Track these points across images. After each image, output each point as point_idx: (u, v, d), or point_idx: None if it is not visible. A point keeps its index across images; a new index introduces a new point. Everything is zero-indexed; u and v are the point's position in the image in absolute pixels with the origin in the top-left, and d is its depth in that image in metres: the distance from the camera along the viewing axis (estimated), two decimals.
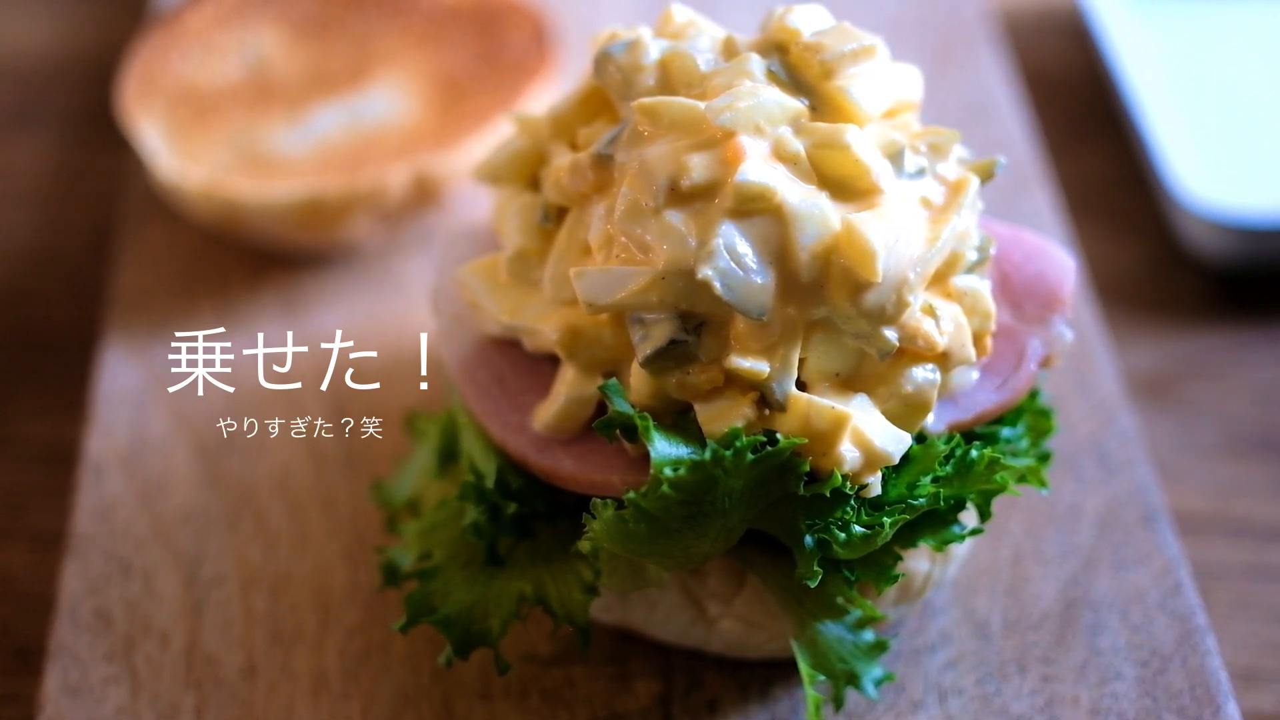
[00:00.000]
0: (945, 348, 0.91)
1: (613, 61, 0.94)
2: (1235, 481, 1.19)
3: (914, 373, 0.91)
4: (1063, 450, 1.12)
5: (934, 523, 0.92)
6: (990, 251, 0.95)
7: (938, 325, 0.91)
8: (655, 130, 0.90)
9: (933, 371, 0.91)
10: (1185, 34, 1.49)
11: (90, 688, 1.00)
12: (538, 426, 0.94)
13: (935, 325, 0.91)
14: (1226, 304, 1.32)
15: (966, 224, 0.93)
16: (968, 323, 0.93)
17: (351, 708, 1.00)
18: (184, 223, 1.30)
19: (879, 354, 0.89)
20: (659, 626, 0.99)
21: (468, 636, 0.92)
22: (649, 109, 0.90)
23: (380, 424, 1.14)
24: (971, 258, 0.94)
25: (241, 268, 1.27)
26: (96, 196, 1.42)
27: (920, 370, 0.91)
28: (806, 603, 0.91)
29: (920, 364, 0.91)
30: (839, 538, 0.88)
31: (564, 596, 0.92)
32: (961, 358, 0.92)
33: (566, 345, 0.92)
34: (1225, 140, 1.39)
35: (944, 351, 0.91)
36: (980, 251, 0.94)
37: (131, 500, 1.11)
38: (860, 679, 0.92)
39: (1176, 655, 1.01)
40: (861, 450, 0.88)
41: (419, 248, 1.29)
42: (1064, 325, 0.99)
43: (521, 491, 0.94)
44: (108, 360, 1.20)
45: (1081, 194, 1.41)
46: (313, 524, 1.10)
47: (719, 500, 0.86)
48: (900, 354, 0.90)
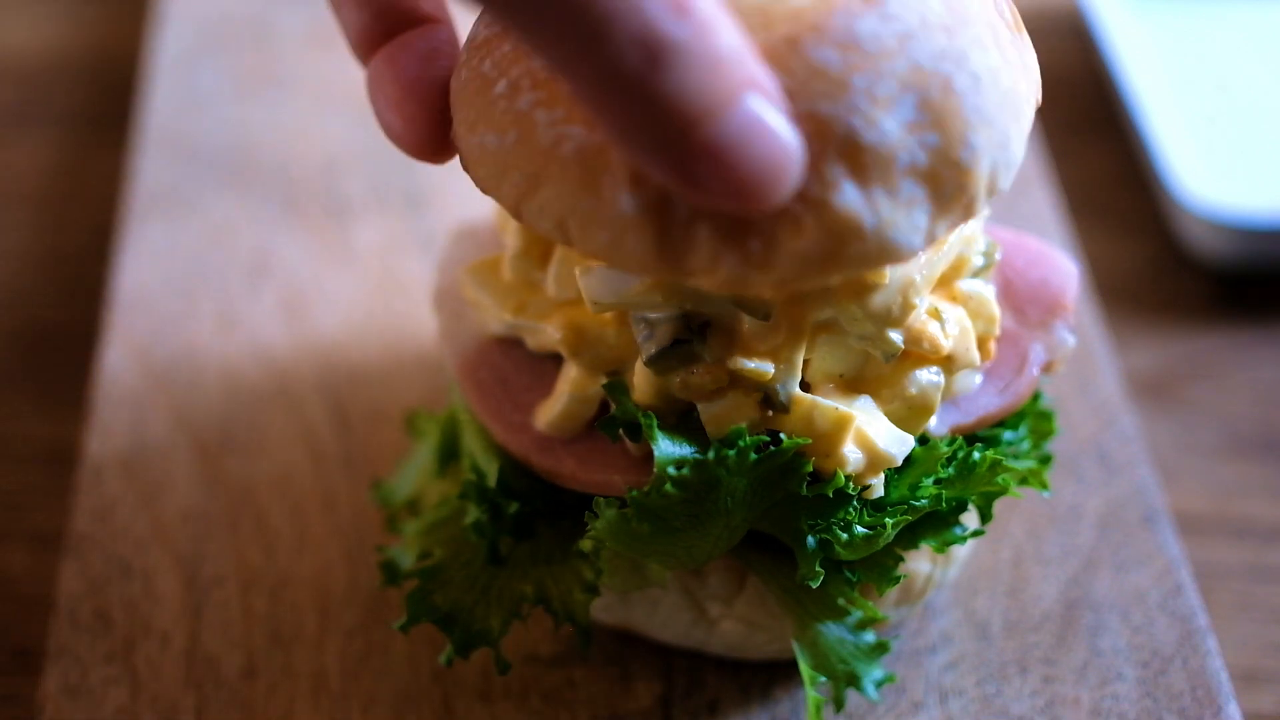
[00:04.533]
0: (950, 351, 0.91)
1: None
2: (1236, 482, 1.19)
3: (918, 375, 0.91)
4: (1063, 451, 1.12)
5: (935, 524, 0.92)
6: (995, 257, 0.95)
7: (943, 328, 0.91)
8: None
9: (937, 374, 0.91)
10: (1185, 34, 1.49)
11: (90, 688, 1.00)
12: (540, 426, 0.94)
13: (940, 328, 0.91)
14: (1226, 304, 1.32)
15: (972, 228, 0.93)
16: (972, 326, 0.93)
17: (351, 708, 1.00)
18: (184, 222, 1.30)
19: (884, 356, 0.89)
20: (660, 627, 0.98)
21: (468, 636, 0.92)
22: None
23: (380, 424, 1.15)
24: (977, 263, 0.94)
25: (242, 267, 1.27)
26: (96, 196, 1.42)
27: (924, 373, 0.91)
28: (808, 604, 0.91)
29: (925, 367, 0.91)
30: (841, 538, 0.88)
31: (565, 596, 0.92)
32: (966, 361, 0.92)
33: (570, 344, 0.92)
34: (1225, 140, 1.38)
35: (948, 355, 0.91)
36: (985, 257, 0.95)
37: (131, 501, 1.11)
38: (861, 680, 0.92)
39: (1177, 656, 1.01)
40: (864, 451, 0.88)
41: (419, 248, 1.29)
42: (1066, 331, 0.99)
43: (523, 491, 0.94)
44: (108, 360, 1.20)
45: (1081, 194, 1.41)
46: (313, 524, 1.10)
47: (722, 499, 0.86)
48: (905, 356, 0.90)
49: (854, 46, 0.77)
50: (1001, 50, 0.83)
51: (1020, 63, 0.85)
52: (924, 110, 0.78)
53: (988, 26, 0.82)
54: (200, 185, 1.35)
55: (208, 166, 1.37)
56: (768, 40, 0.78)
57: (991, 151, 0.80)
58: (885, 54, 0.78)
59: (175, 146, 1.38)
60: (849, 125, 0.77)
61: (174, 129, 1.39)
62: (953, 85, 0.79)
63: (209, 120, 1.40)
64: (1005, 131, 0.81)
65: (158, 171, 1.36)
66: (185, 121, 1.40)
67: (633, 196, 0.78)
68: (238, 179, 1.36)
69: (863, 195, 0.78)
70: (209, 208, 1.33)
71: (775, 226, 0.77)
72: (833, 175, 0.77)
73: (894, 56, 0.78)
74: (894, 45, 0.78)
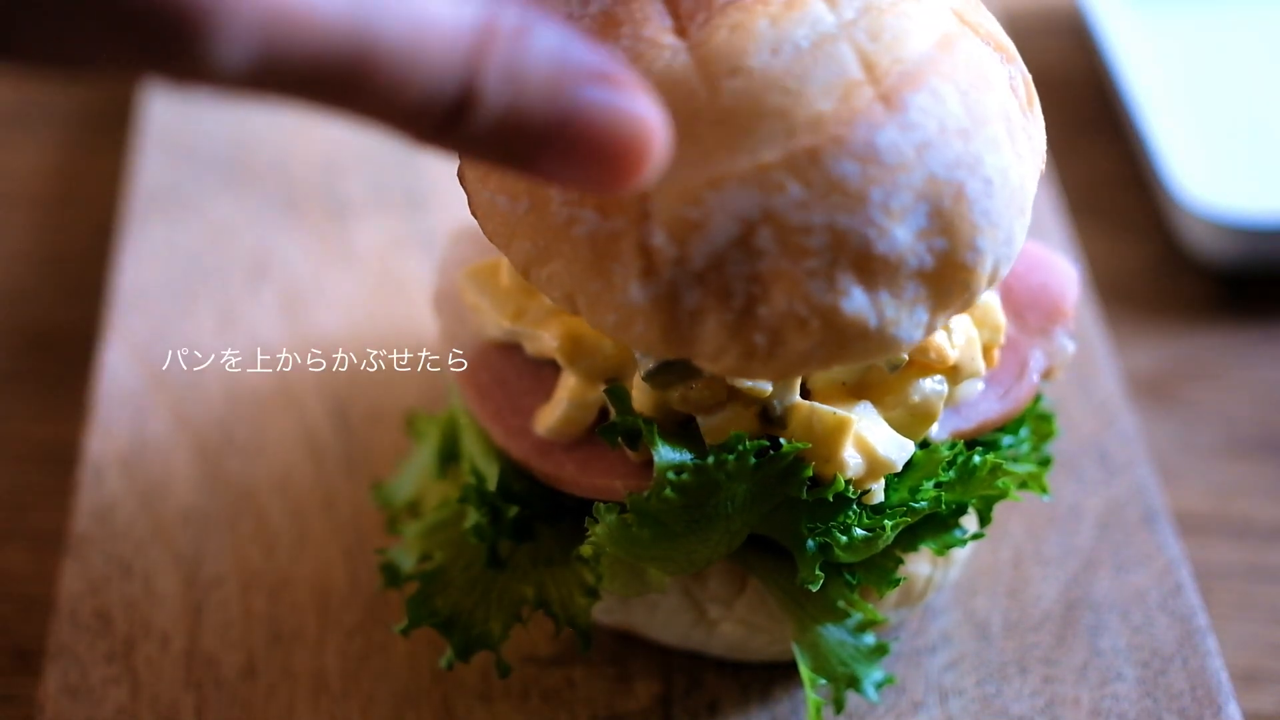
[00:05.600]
0: (956, 361, 0.91)
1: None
2: (1236, 482, 1.19)
3: (922, 384, 0.91)
4: (1063, 451, 1.12)
5: (935, 527, 0.92)
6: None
7: (949, 339, 0.91)
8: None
9: (941, 383, 0.91)
10: (1185, 34, 1.49)
11: (90, 688, 1.00)
12: (540, 430, 0.94)
13: (948, 338, 0.91)
14: (1226, 304, 1.32)
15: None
16: (978, 335, 0.93)
17: (351, 708, 1.00)
18: (184, 223, 1.30)
19: (888, 366, 0.89)
20: (660, 629, 0.98)
21: (469, 639, 0.92)
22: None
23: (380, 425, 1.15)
24: None
25: (242, 267, 1.27)
26: (96, 196, 1.42)
27: (929, 382, 0.91)
28: (808, 606, 0.91)
29: (929, 376, 0.91)
30: (840, 541, 0.88)
31: (566, 600, 0.92)
32: (971, 371, 0.92)
33: (567, 353, 0.92)
34: (1225, 140, 1.38)
35: (954, 365, 0.91)
36: None
37: (131, 501, 1.11)
38: (861, 682, 0.92)
39: (1177, 656, 1.01)
40: (865, 456, 0.88)
41: (419, 248, 1.29)
42: (1066, 337, 0.99)
43: (523, 494, 0.94)
44: (108, 360, 1.20)
45: (1081, 194, 1.41)
46: (313, 525, 1.10)
47: (722, 504, 0.86)
48: (910, 365, 0.90)
49: (873, 160, 0.78)
50: (1014, 143, 0.84)
51: (1029, 149, 0.86)
52: (935, 218, 0.79)
53: (1003, 120, 0.83)
54: (200, 185, 1.35)
55: (208, 166, 1.37)
56: (789, 150, 0.78)
57: (995, 250, 0.82)
58: (903, 166, 0.79)
59: (175, 146, 1.38)
60: (864, 236, 0.78)
61: (174, 129, 1.39)
62: (965, 192, 0.80)
63: (209, 120, 1.40)
64: (1010, 229, 0.83)
65: (158, 171, 1.36)
66: (185, 121, 1.40)
67: (643, 287, 0.79)
68: (238, 179, 1.36)
69: (869, 298, 0.79)
70: (209, 208, 1.33)
71: (781, 325, 0.79)
72: (843, 284, 0.78)
73: (911, 169, 0.79)
74: (912, 157, 0.79)
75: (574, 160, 0.66)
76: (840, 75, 0.79)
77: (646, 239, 0.79)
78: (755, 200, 0.78)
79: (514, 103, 0.64)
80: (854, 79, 0.79)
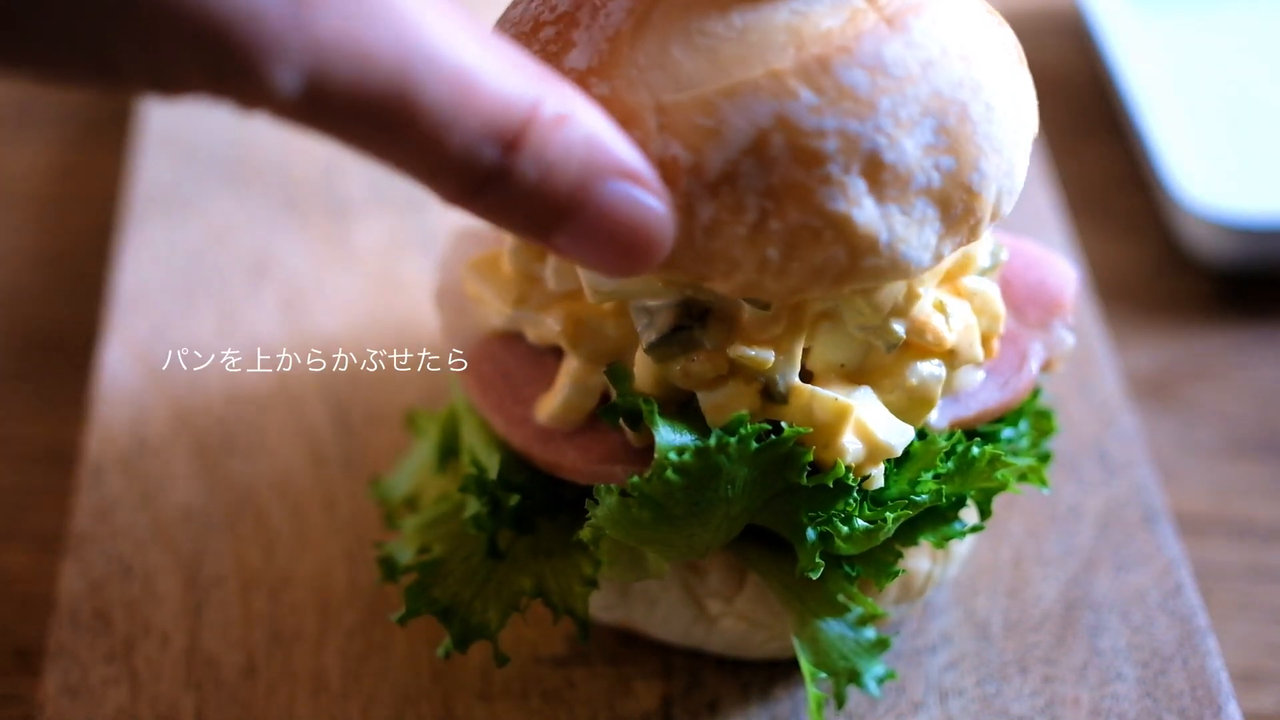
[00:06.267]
0: (953, 345, 0.92)
1: None
2: (1235, 482, 1.19)
3: (920, 367, 0.91)
4: (1063, 451, 1.12)
5: (935, 519, 0.93)
6: (1002, 257, 0.97)
7: (947, 321, 0.91)
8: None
9: (939, 367, 0.92)
10: (1185, 34, 1.49)
11: (90, 688, 1.00)
12: (541, 418, 0.94)
13: (945, 321, 0.91)
14: (1226, 304, 1.32)
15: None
16: (977, 323, 0.93)
17: (351, 708, 1.00)
18: (184, 223, 1.30)
19: (886, 346, 0.90)
20: (659, 626, 0.98)
21: (467, 629, 0.92)
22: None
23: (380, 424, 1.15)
24: (984, 263, 0.95)
25: (242, 267, 1.27)
26: (96, 196, 1.42)
27: (926, 365, 0.92)
28: (808, 600, 0.91)
29: (927, 359, 0.91)
30: (841, 531, 0.88)
31: (564, 590, 0.92)
32: (968, 356, 0.93)
33: (570, 335, 0.92)
34: (1225, 140, 1.39)
35: (951, 348, 0.92)
36: (993, 258, 0.96)
37: (131, 501, 1.11)
38: (862, 676, 0.92)
39: (1177, 656, 1.01)
40: (864, 442, 0.89)
41: (419, 247, 1.29)
42: (1065, 329, 0.99)
43: (523, 485, 0.94)
44: (108, 360, 1.20)
45: (1081, 194, 1.41)
46: (313, 524, 1.10)
47: (722, 487, 0.86)
48: (907, 348, 0.91)
49: (881, 70, 0.81)
50: (1012, 82, 0.86)
51: (1025, 95, 0.88)
52: (941, 134, 0.82)
53: (1000, 58, 0.86)
54: (200, 185, 1.35)
55: (208, 166, 1.37)
56: (800, 58, 0.80)
57: (999, 178, 0.84)
58: (909, 79, 0.81)
59: (175, 146, 1.38)
60: (874, 142, 0.80)
61: (174, 129, 1.39)
62: (969, 113, 0.83)
63: (209, 120, 1.40)
64: (1011, 160, 0.85)
65: (158, 171, 1.36)
66: (185, 121, 1.40)
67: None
68: (238, 179, 1.36)
69: (880, 211, 0.81)
70: (209, 208, 1.33)
71: (794, 238, 0.80)
72: (855, 190, 0.80)
73: (917, 82, 0.82)
74: (917, 71, 0.82)
75: (588, 244, 0.75)
76: (844, 1, 0.83)
77: (663, 151, 0.80)
78: (768, 106, 0.80)
79: (543, 183, 0.72)
80: (857, 6, 0.83)
